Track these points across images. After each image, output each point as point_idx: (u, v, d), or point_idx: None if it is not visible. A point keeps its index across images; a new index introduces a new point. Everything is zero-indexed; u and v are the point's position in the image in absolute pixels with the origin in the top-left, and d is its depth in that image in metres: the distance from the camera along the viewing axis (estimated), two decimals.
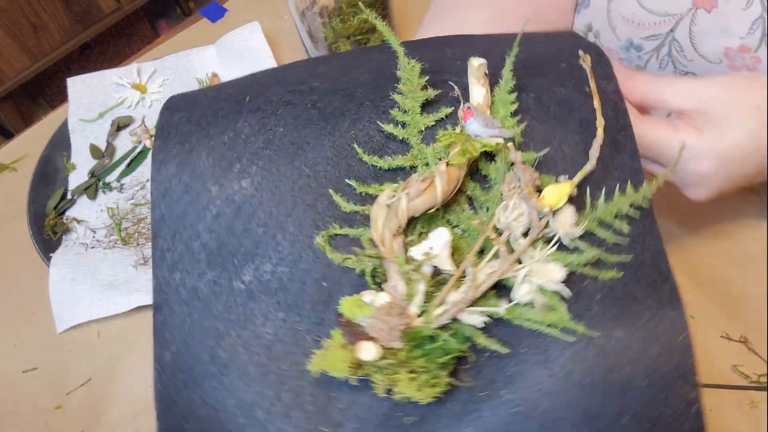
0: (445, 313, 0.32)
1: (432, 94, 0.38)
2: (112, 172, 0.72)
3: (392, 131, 0.38)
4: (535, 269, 0.33)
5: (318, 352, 0.32)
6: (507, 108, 0.38)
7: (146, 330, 0.60)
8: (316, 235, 0.36)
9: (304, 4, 0.62)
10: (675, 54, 0.59)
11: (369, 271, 0.35)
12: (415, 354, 0.32)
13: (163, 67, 0.78)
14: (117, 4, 1.77)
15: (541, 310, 0.33)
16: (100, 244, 0.66)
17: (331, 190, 0.37)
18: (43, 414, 0.57)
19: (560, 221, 0.34)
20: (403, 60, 0.38)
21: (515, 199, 0.33)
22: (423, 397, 0.31)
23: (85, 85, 0.77)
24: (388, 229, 0.33)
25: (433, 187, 0.33)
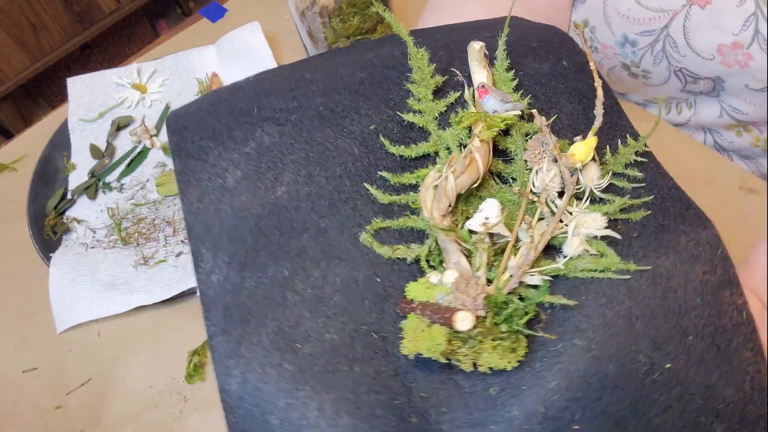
0: (511, 278, 0.34)
1: (441, 81, 0.40)
2: (112, 172, 0.72)
3: (412, 120, 0.39)
4: (580, 221, 0.35)
5: (405, 339, 0.32)
6: (508, 85, 0.41)
7: (146, 330, 0.60)
8: (359, 233, 0.36)
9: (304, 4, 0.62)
10: (669, 50, 0.60)
11: (424, 256, 0.36)
12: (498, 320, 0.33)
13: (163, 67, 0.78)
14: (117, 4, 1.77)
15: (593, 259, 0.35)
16: (100, 244, 0.66)
17: (366, 185, 0.37)
18: (43, 414, 0.57)
19: (588, 176, 0.37)
20: (413, 49, 0.40)
21: (546, 163, 0.36)
22: (507, 363, 0.32)
23: (85, 85, 0.77)
24: (438, 209, 0.35)
25: (474, 162, 0.35)
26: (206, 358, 0.58)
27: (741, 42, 0.55)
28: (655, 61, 0.62)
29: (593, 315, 0.34)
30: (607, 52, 0.65)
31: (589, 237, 0.35)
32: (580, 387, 0.32)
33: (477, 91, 0.38)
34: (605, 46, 0.65)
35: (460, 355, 0.32)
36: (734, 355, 0.33)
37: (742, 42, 0.55)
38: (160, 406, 0.56)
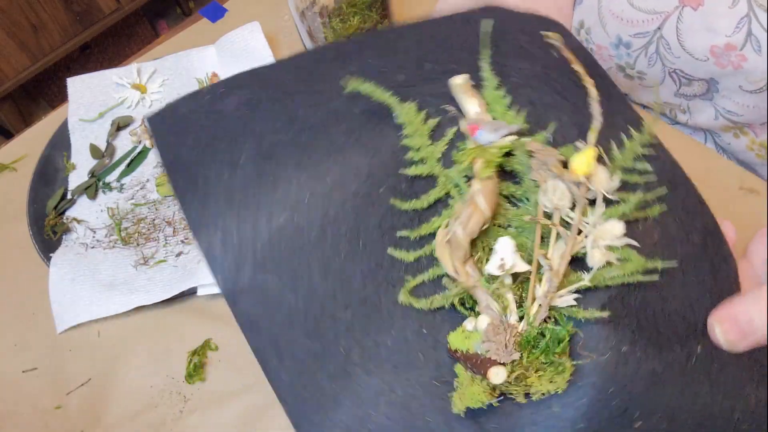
0: (540, 309, 0.34)
1: (435, 123, 0.39)
2: (112, 172, 0.72)
3: (416, 172, 0.38)
4: (598, 234, 0.35)
5: (455, 394, 0.34)
6: (501, 104, 0.40)
7: (146, 330, 0.60)
8: (395, 294, 0.37)
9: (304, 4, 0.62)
10: (663, 51, 0.60)
11: (458, 302, 0.36)
12: (535, 355, 0.33)
13: (163, 67, 0.78)
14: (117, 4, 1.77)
15: (619, 265, 0.35)
16: (100, 244, 0.66)
17: (390, 250, 0.37)
18: (43, 414, 0.57)
19: (597, 182, 0.35)
20: (398, 107, 0.39)
21: (551, 182, 0.35)
22: (557, 386, 0.33)
23: (85, 85, 0.77)
24: (458, 260, 0.35)
25: (477, 207, 0.35)
26: (206, 358, 0.58)
27: (734, 43, 0.55)
28: (649, 62, 0.62)
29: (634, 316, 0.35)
30: (602, 54, 0.65)
31: (609, 246, 0.35)
32: (637, 381, 0.34)
33: (468, 128, 0.37)
34: (600, 48, 0.65)
35: (510, 390, 0.34)
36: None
37: (735, 43, 0.55)
38: (160, 406, 0.56)
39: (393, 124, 0.40)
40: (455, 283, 0.36)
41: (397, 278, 0.37)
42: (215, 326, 0.59)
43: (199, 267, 0.62)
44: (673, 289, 0.37)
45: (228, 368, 0.57)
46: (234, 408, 0.55)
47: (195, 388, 0.56)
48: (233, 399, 0.55)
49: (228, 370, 0.57)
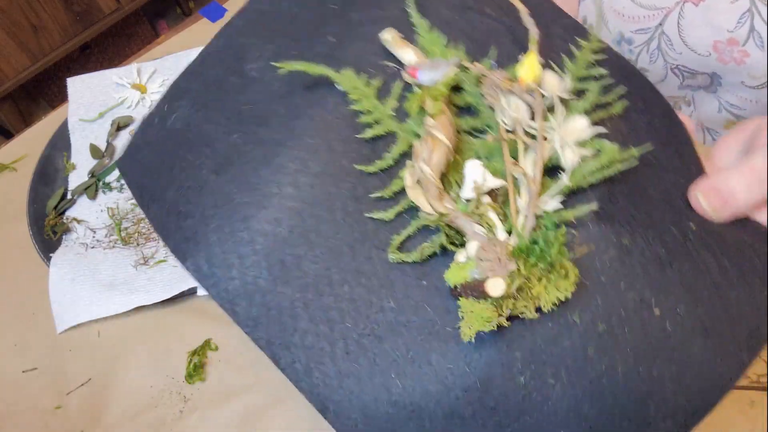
0: (526, 218, 0.34)
1: (377, 85, 0.39)
2: (112, 172, 0.72)
3: (373, 134, 0.38)
4: (563, 133, 0.35)
5: (462, 324, 0.33)
6: (438, 44, 0.40)
7: (146, 330, 0.60)
8: (385, 256, 0.37)
9: None
10: (664, 47, 0.60)
11: (447, 242, 0.36)
12: (532, 262, 0.33)
13: (163, 67, 0.78)
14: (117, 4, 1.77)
15: (594, 159, 0.35)
16: (100, 244, 0.66)
17: (367, 214, 0.37)
18: (43, 414, 0.57)
19: (549, 86, 0.36)
20: (337, 77, 0.39)
21: (504, 99, 0.35)
22: (566, 291, 0.33)
23: (85, 85, 0.77)
24: (432, 198, 0.35)
25: (436, 139, 0.35)
26: (206, 358, 0.58)
27: (736, 39, 0.55)
28: (651, 59, 0.62)
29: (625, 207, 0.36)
30: None
31: (579, 142, 0.35)
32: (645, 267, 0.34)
33: (408, 73, 0.37)
34: None
35: (519, 309, 0.33)
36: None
37: (737, 39, 0.55)
38: (160, 406, 0.56)
39: (337, 94, 0.39)
40: (437, 219, 0.36)
41: (385, 241, 0.37)
42: (215, 326, 0.59)
43: None
44: (651, 176, 0.37)
45: (228, 368, 0.57)
46: (234, 408, 0.55)
47: (195, 388, 0.56)
48: (233, 399, 0.55)
49: (228, 370, 0.57)
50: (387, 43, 0.39)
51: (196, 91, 0.42)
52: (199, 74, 0.43)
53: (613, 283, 0.35)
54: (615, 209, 0.36)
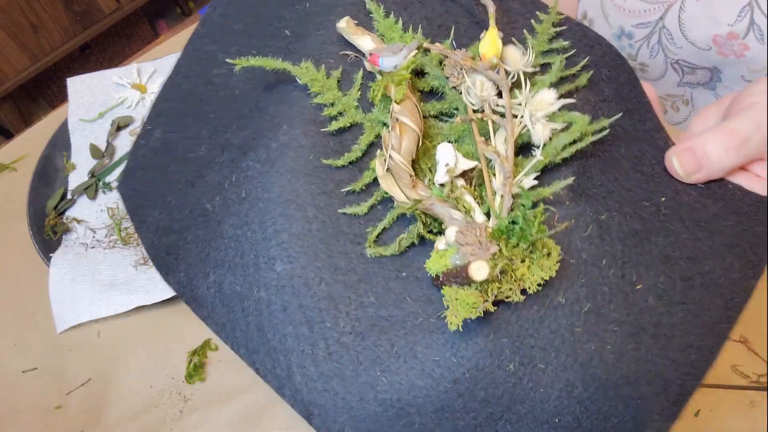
0: (503, 198, 0.33)
1: (339, 73, 0.38)
2: (112, 172, 0.72)
3: (338, 126, 0.37)
4: (533, 108, 0.34)
5: (447, 313, 0.32)
6: (396, 29, 0.39)
7: (146, 330, 0.60)
8: (363, 251, 0.36)
9: None
10: (665, 41, 0.60)
11: (425, 231, 0.35)
12: (513, 242, 0.32)
13: (163, 67, 0.78)
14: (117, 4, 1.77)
15: (567, 133, 0.35)
16: (100, 244, 0.66)
17: (340, 210, 0.36)
18: (43, 414, 0.57)
19: (512, 61, 0.35)
20: (295, 70, 0.38)
21: (468, 79, 0.34)
22: (549, 270, 0.32)
23: (85, 85, 0.77)
24: (405, 186, 0.34)
25: (403, 125, 0.34)
26: (206, 358, 0.58)
27: (736, 32, 0.55)
28: (651, 53, 0.62)
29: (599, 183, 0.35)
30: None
31: (548, 116, 0.34)
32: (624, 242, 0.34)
33: (368, 61, 0.37)
34: None
35: (504, 293, 0.32)
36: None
37: (737, 32, 0.55)
38: (160, 406, 0.56)
39: (299, 89, 0.38)
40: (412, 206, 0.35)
41: (360, 234, 0.36)
42: None
43: None
44: (621, 146, 0.37)
45: (228, 368, 0.57)
46: (234, 408, 0.55)
47: (195, 388, 0.56)
48: (233, 399, 0.55)
49: (228, 370, 0.57)
50: (343, 31, 0.38)
51: (173, 105, 0.42)
52: (175, 87, 0.42)
53: (595, 260, 0.34)
54: (590, 184, 0.36)
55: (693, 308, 0.35)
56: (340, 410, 0.34)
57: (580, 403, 0.33)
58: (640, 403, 0.33)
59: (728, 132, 0.38)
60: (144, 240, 0.40)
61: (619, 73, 0.39)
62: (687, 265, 0.35)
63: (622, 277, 0.34)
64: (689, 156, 0.38)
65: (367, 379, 0.34)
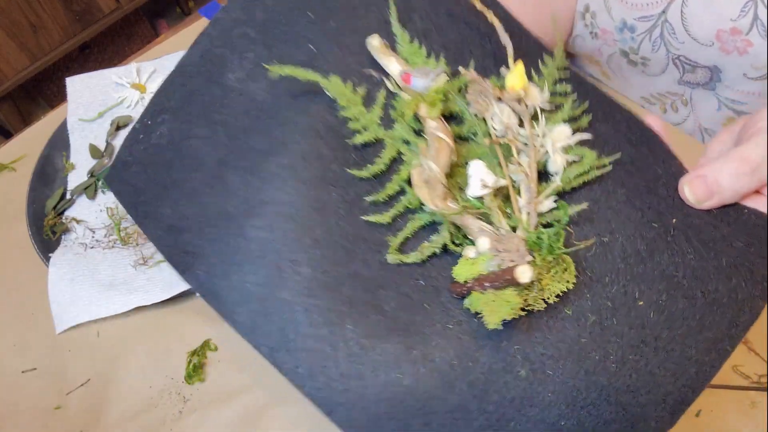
0: (529, 215, 0.37)
1: (363, 92, 0.40)
2: None
3: (362, 140, 0.39)
4: (552, 139, 0.38)
5: (485, 312, 0.34)
6: (420, 55, 0.41)
7: (146, 330, 0.60)
8: (381, 257, 0.38)
9: None
10: (667, 36, 0.60)
11: (449, 241, 0.38)
12: (543, 255, 0.35)
13: (163, 66, 0.78)
14: (116, 3, 1.77)
15: (578, 165, 0.39)
16: (99, 244, 0.66)
17: (364, 218, 0.38)
18: (42, 414, 0.57)
19: (533, 96, 0.39)
20: (326, 83, 0.39)
21: (493, 106, 0.38)
22: (567, 283, 0.36)
23: (84, 85, 0.77)
24: (438, 196, 0.36)
25: (443, 141, 0.37)
26: (205, 359, 0.58)
27: (740, 28, 0.55)
28: (653, 47, 0.62)
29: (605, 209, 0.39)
30: (607, 38, 0.65)
31: (565, 148, 0.39)
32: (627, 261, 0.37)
33: (401, 79, 0.39)
34: (605, 32, 0.65)
35: (531, 299, 0.35)
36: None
37: (740, 28, 0.55)
38: (159, 407, 0.56)
39: (321, 102, 0.40)
40: (443, 221, 0.37)
41: (381, 243, 0.38)
42: (215, 326, 0.59)
43: None
44: (625, 175, 0.40)
45: (227, 368, 0.57)
46: (234, 408, 0.55)
47: (194, 389, 0.56)
48: (233, 399, 0.55)
49: (227, 370, 0.57)
50: (373, 49, 0.40)
51: (177, 104, 0.42)
52: (179, 86, 0.43)
53: (599, 277, 0.37)
54: (595, 208, 0.39)
55: (694, 324, 0.36)
56: (359, 408, 0.35)
57: (583, 408, 0.35)
58: (639, 411, 0.35)
59: (739, 159, 0.39)
60: (152, 237, 0.41)
61: (615, 113, 0.42)
62: (690, 283, 0.37)
63: (625, 294, 0.37)
64: (701, 184, 0.39)
65: (386, 380, 0.35)
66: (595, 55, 0.70)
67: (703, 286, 0.37)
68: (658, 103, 0.69)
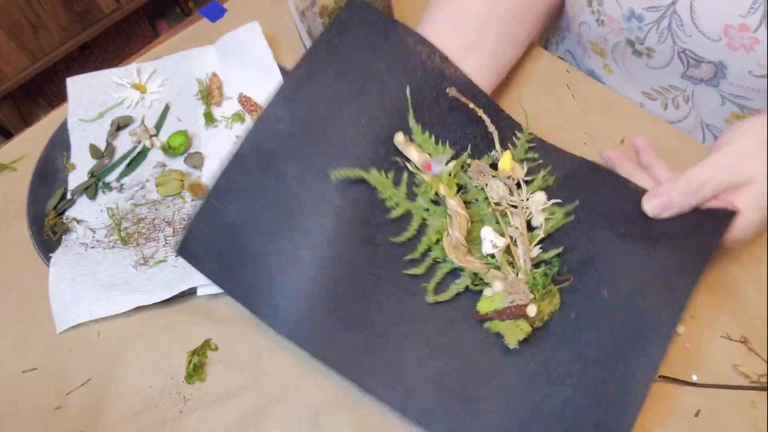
0: (525, 262, 0.50)
1: (392, 176, 0.52)
2: (111, 172, 0.72)
3: (396, 215, 0.51)
4: (532, 203, 0.53)
5: (506, 335, 0.47)
6: (430, 142, 0.54)
7: (146, 330, 0.60)
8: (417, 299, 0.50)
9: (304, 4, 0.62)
10: (675, 28, 0.59)
11: (471, 283, 0.51)
12: (539, 291, 0.48)
13: (163, 67, 0.78)
14: (117, 3, 1.77)
15: (552, 219, 0.53)
16: (99, 244, 0.66)
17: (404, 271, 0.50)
18: (42, 414, 0.57)
19: (516, 173, 0.53)
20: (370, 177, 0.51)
21: (492, 182, 0.51)
22: (556, 305, 0.49)
23: (84, 85, 0.77)
24: (462, 255, 0.50)
25: (461, 214, 0.50)
26: (206, 358, 0.58)
27: (748, 25, 0.55)
28: (660, 38, 0.62)
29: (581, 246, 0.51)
30: (613, 26, 0.65)
31: (542, 209, 0.53)
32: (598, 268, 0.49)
33: (423, 167, 0.51)
34: (612, 20, 0.64)
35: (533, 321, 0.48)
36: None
37: (749, 25, 0.55)
38: (159, 406, 0.56)
39: (359, 185, 0.51)
40: (465, 269, 0.50)
41: (416, 289, 0.50)
42: (215, 326, 0.59)
43: None
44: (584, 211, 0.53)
45: (228, 368, 0.57)
46: (234, 408, 0.55)
47: (195, 388, 0.56)
48: (233, 399, 0.55)
49: (228, 370, 0.57)
50: (398, 143, 0.52)
51: (241, 188, 0.52)
52: (241, 171, 0.52)
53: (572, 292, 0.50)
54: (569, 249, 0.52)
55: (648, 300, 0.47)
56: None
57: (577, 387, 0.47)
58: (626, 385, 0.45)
59: (687, 180, 0.49)
60: (232, 292, 0.52)
61: (577, 171, 0.55)
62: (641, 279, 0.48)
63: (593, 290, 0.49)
64: (656, 201, 0.50)
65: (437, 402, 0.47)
66: (600, 43, 0.69)
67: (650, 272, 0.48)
68: (660, 98, 0.69)
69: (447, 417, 0.45)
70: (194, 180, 0.69)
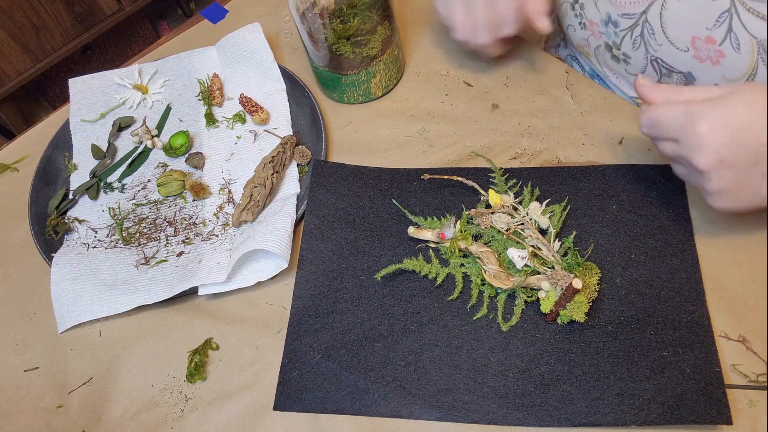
0: (554, 257, 0.57)
1: (421, 257, 0.61)
2: (113, 173, 0.72)
3: (442, 279, 0.59)
4: (532, 214, 0.60)
5: (574, 315, 0.53)
6: (435, 222, 0.62)
7: (147, 329, 0.61)
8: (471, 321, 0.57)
9: (305, 6, 0.63)
10: (647, 36, 0.60)
11: (526, 297, 0.57)
12: (577, 269, 0.56)
13: (165, 67, 0.79)
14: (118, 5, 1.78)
15: (554, 216, 0.61)
16: (101, 243, 0.66)
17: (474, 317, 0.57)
18: (44, 413, 0.57)
19: (507, 201, 0.61)
20: (408, 264, 0.59)
21: (494, 218, 0.60)
22: (597, 274, 0.56)
23: (86, 86, 0.78)
24: (505, 280, 0.56)
25: (486, 251, 0.58)
26: (207, 358, 0.58)
27: (714, 37, 0.55)
28: (634, 45, 0.63)
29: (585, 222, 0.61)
30: (594, 30, 0.67)
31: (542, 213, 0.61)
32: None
33: (439, 238, 0.60)
34: (592, 23, 0.66)
35: (588, 294, 0.55)
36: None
37: (715, 38, 0.55)
38: (161, 405, 0.56)
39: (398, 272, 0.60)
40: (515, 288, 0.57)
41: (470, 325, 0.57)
42: (216, 325, 0.59)
43: (200, 267, 0.62)
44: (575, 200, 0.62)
45: (229, 367, 0.57)
46: (234, 407, 0.55)
47: (196, 387, 0.57)
48: (234, 398, 0.55)
49: (229, 369, 0.57)
50: (412, 233, 0.61)
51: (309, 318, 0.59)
52: (307, 291, 0.60)
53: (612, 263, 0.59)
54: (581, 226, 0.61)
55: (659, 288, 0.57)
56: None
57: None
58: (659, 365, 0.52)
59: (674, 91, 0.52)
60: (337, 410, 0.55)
61: (551, 176, 0.64)
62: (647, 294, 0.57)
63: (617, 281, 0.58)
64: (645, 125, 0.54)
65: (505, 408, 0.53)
66: (584, 46, 0.70)
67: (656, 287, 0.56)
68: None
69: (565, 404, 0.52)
70: (195, 180, 0.69)
